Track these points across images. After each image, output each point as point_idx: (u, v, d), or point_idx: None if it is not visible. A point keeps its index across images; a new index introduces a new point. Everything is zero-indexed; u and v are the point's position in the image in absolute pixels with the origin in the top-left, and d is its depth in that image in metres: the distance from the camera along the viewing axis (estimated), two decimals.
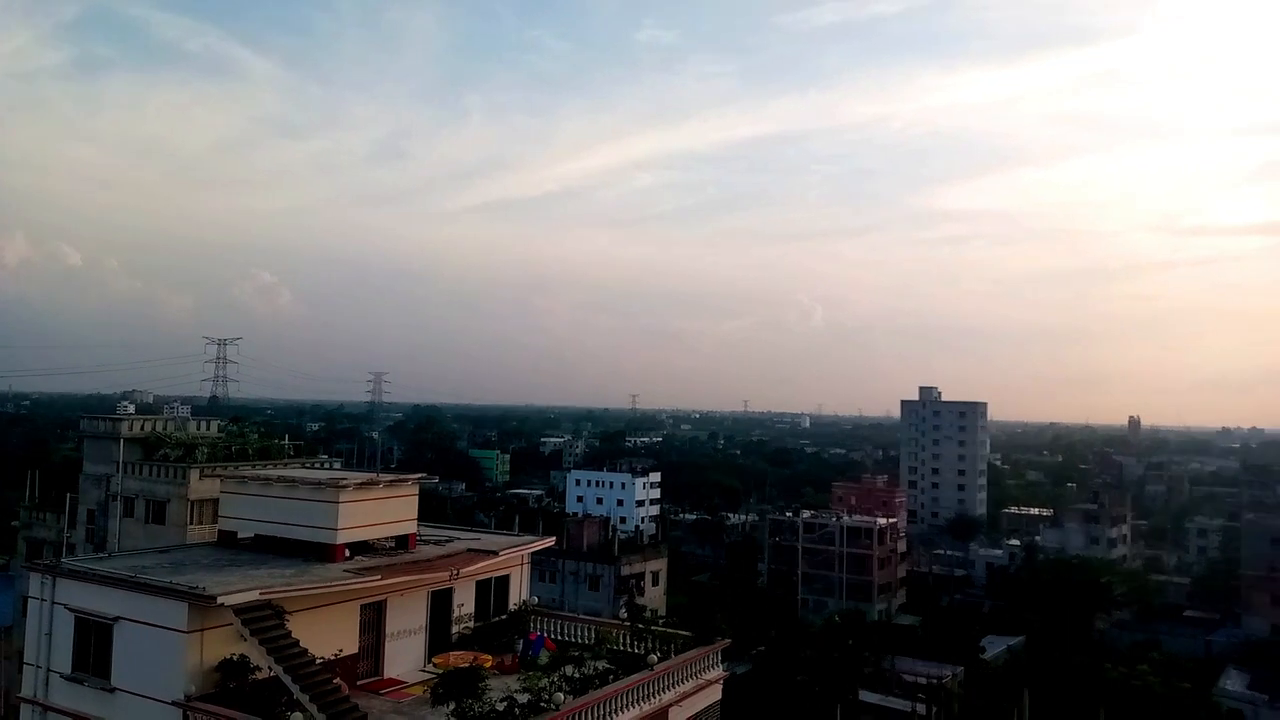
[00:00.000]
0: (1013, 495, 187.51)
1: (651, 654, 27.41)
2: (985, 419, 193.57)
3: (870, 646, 69.98)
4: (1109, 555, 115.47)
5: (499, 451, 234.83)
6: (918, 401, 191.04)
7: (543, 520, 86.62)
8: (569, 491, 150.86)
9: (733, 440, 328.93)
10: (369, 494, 28.32)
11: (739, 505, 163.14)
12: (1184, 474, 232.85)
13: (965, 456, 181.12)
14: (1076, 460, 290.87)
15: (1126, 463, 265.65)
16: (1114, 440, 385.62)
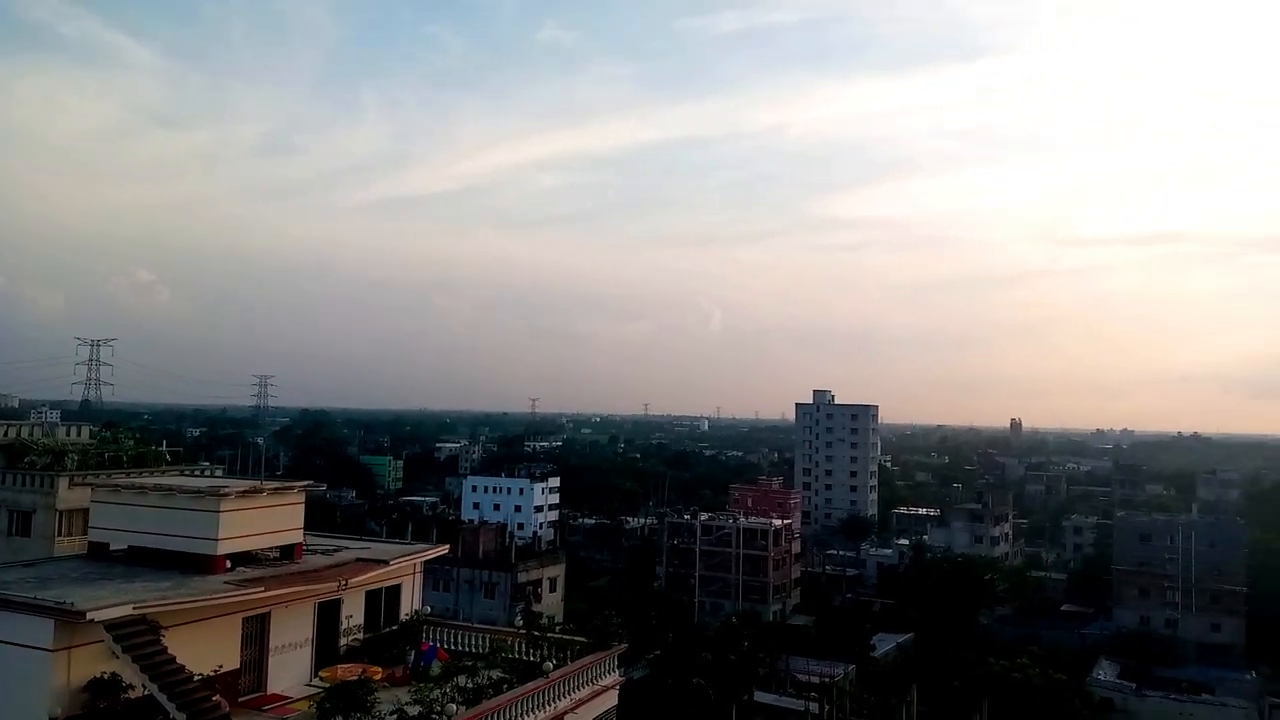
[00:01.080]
0: (902, 496, 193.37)
1: (547, 661, 27.12)
2: (876, 421, 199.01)
3: (765, 647, 71.04)
4: (992, 553, 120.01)
5: (391, 457, 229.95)
6: (812, 405, 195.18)
7: (437, 528, 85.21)
8: (465, 498, 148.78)
9: (633, 444, 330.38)
10: (252, 502, 27.21)
11: (638, 509, 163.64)
12: (1061, 474, 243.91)
13: (857, 458, 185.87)
14: (962, 461, 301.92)
15: (1008, 463, 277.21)
16: (997, 442, 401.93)
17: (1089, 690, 68.83)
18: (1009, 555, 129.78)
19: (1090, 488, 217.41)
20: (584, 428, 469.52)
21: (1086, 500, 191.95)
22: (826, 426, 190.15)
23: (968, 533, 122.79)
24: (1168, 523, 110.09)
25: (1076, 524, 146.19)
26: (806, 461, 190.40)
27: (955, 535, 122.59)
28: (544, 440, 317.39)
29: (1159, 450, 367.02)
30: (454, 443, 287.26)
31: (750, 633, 73.85)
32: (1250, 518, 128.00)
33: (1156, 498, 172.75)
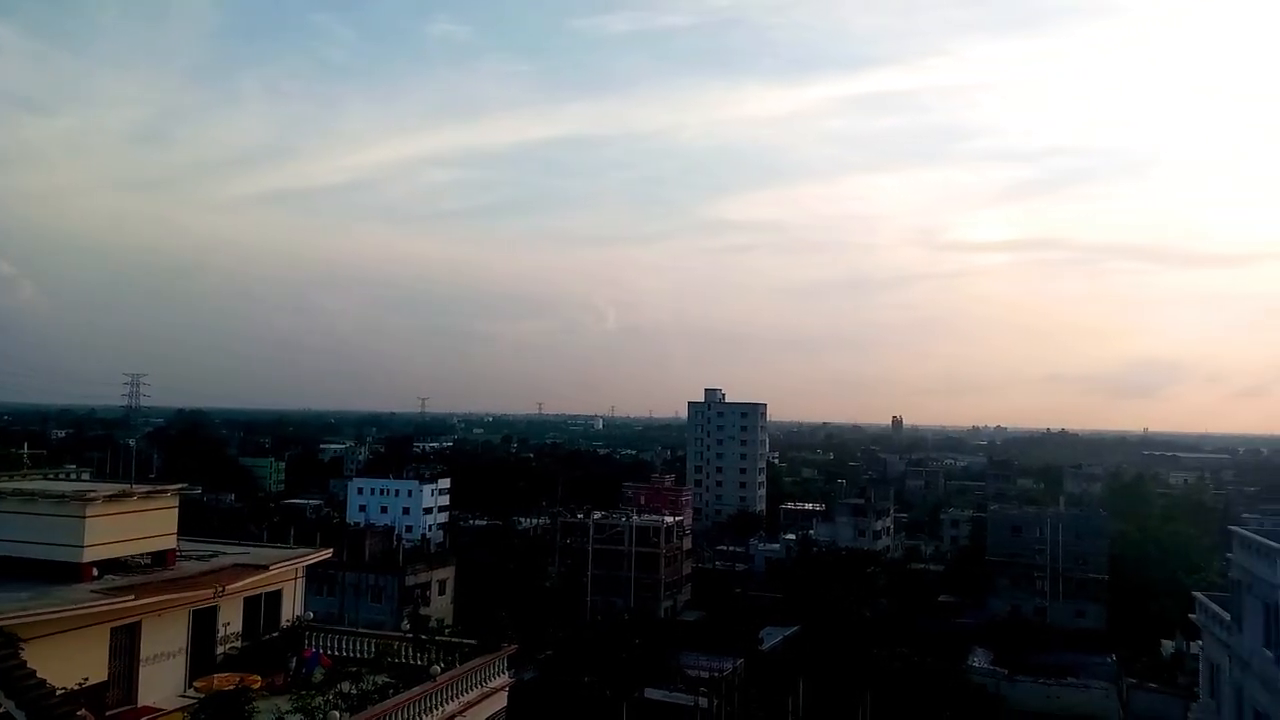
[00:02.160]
0: (790, 492, 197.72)
1: (435, 665, 26.74)
2: (765, 419, 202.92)
3: (657, 644, 71.65)
4: (875, 546, 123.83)
5: (274, 459, 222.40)
6: (703, 403, 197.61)
7: (321, 531, 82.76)
8: (350, 500, 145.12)
9: (527, 443, 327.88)
10: (122, 507, 25.98)
11: (531, 509, 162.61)
12: (940, 470, 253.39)
13: (747, 455, 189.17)
14: (846, 458, 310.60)
15: (890, 460, 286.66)
16: (879, 439, 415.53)
17: (965, 677, 71.79)
18: (891, 548, 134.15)
19: (966, 482, 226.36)
20: (476, 428, 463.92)
21: (963, 494, 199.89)
22: (718, 425, 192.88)
23: (851, 527, 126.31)
24: (1037, 515, 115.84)
25: (953, 517, 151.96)
26: (698, 459, 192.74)
27: (840, 530, 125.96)
28: (434, 441, 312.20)
29: (1029, 446, 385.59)
30: (339, 444, 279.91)
31: (642, 630, 74.39)
32: (1111, 510, 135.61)
33: (1027, 491, 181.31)
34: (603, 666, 62.35)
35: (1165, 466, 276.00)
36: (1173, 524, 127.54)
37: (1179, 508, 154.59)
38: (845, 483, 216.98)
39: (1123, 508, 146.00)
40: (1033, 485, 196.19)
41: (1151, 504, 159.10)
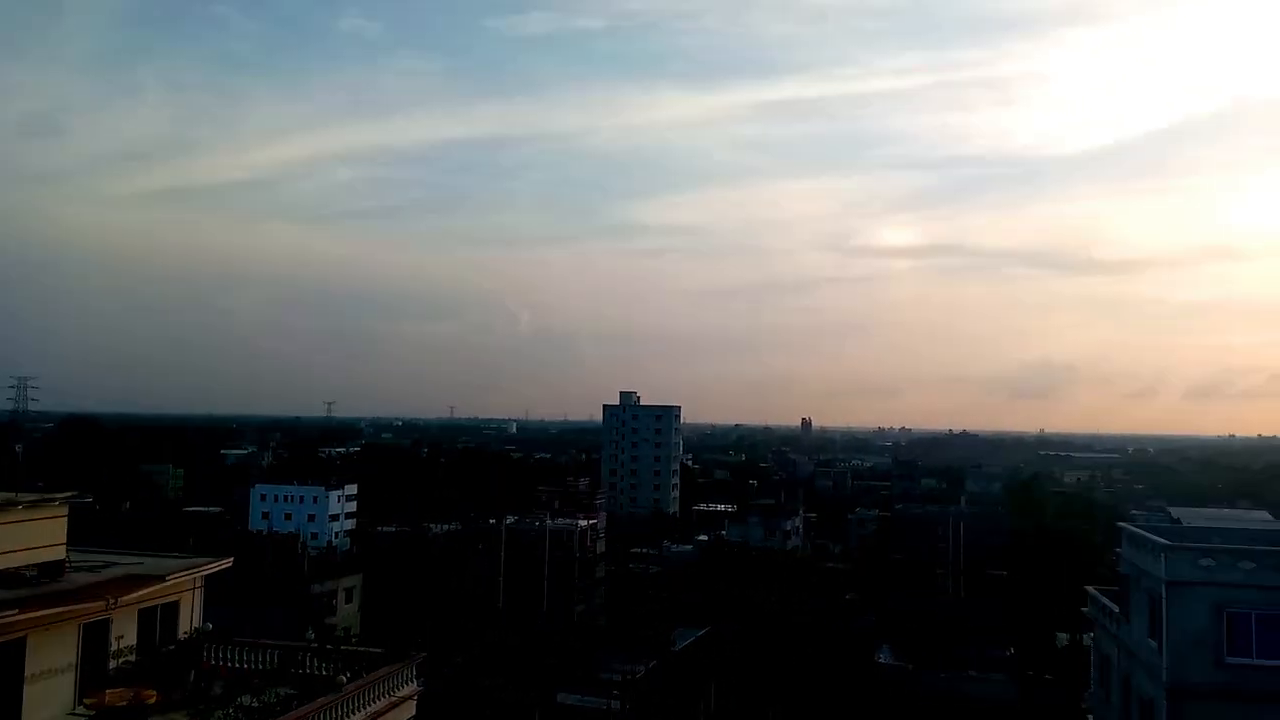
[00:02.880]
0: (704, 493, 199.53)
1: (340, 675, 26.12)
2: (679, 422, 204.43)
3: (570, 647, 71.39)
4: (785, 546, 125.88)
5: (172, 465, 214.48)
6: (618, 406, 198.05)
7: (222, 539, 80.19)
8: (253, 508, 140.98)
9: (438, 448, 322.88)
10: (6, 517, 24.72)
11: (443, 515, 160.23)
12: (847, 470, 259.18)
13: (661, 458, 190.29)
14: (758, 459, 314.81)
15: (800, 460, 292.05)
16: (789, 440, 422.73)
17: (872, 672, 73.49)
18: (800, 548, 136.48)
19: (873, 482, 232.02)
20: (385, 432, 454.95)
21: (869, 494, 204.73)
22: (632, 427, 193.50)
23: (762, 527, 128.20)
24: (940, 514, 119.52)
25: (860, 517, 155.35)
26: (613, 462, 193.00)
27: (751, 530, 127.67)
28: (341, 446, 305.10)
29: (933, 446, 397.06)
30: (241, 449, 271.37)
31: (555, 634, 74.03)
32: (1010, 508, 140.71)
33: (930, 491, 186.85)
34: (516, 672, 61.85)
35: (1060, 466, 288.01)
36: (1067, 520, 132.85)
37: (1072, 505, 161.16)
38: (757, 484, 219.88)
39: (1020, 506, 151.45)
40: (936, 485, 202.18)
41: (1047, 502, 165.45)
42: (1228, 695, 29.92)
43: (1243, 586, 30.49)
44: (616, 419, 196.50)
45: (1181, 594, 30.85)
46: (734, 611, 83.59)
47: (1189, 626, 30.63)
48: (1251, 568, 30.72)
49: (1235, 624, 30.36)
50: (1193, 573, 30.99)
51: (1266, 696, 29.66)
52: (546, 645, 69.45)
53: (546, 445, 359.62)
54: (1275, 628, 30.06)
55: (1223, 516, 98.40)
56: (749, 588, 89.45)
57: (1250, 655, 30.17)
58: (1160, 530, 38.21)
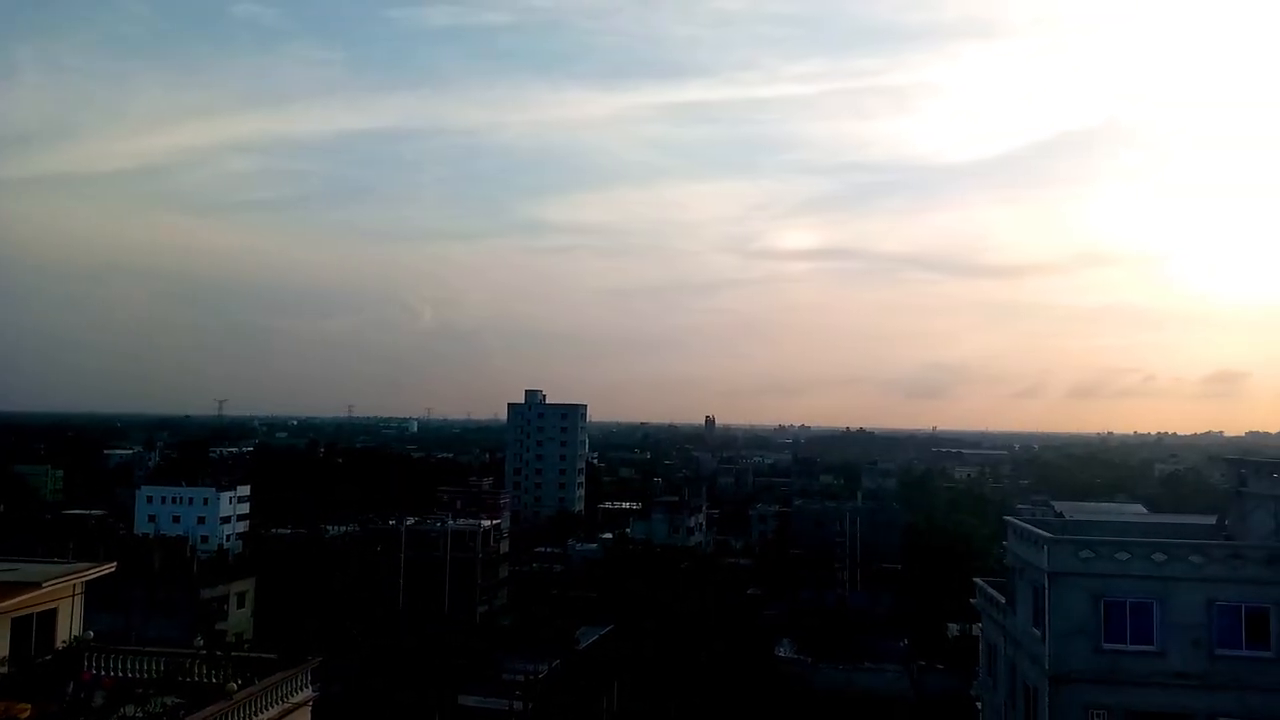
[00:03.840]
0: (609, 491, 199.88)
1: (231, 682, 25.24)
2: (585, 420, 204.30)
3: (473, 649, 70.65)
4: (688, 542, 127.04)
5: (50, 466, 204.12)
6: (524, 404, 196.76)
7: (105, 544, 76.63)
8: (139, 510, 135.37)
9: (335, 447, 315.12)
10: None
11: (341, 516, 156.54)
12: (749, 467, 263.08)
13: (567, 456, 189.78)
14: (663, 457, 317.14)
15: (703, 458, 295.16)
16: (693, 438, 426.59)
17: (772, 666, 74.84)
18: (704, 544, 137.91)
19: (774, 479, 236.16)
20: (280, 431, 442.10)
21: (770, 490, 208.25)
22: (538, 426, 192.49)
23: (666, 524, 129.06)
24: (837, 509, 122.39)
25: (761, 513, 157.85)
26: (518, 461, 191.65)
27: (655, 527, 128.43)
28: (233, 445, 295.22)
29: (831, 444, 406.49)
30: (126, 449, 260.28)
31: (457, 635, 73.12)
32: (904, 503, 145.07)
33: (828, 487, 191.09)
34: (417, 674, 60.87)
35: (951, 462, 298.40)
36: (957, 515, 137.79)
37: (963, 500, 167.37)
38: (661, 481, 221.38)
39: (914, 501, 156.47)
40: (834, 481, 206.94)
41: (939, 497, 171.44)
42: (1104, 680, 31.44)
43: (1118, 576, 32.09)
44: (521, 418, 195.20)
45: (1062, 584, 32.27)
46: (638, 609, 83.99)
47: (1069, 615, 32.07)
48: (1126, 558, 32.35)
49: (1111, 612, 31.92)
50: (1073, 564, 32.46)
51: (1138, 680, 31.28)
52: (447, 647, 68.53)
53: (449, 445, 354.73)
54: (1147, 615, 31.73)
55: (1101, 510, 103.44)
56: (653, 585, 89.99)
57: (1124, 641, 31.77)
58: (1044, 524, 39.91)
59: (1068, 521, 48.91)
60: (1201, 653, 31.18)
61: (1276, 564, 31.46)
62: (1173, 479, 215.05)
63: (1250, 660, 30.99)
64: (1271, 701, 30.66)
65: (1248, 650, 31.10)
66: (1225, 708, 30.88)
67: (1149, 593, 31.76)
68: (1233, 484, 37.42)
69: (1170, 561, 31.94)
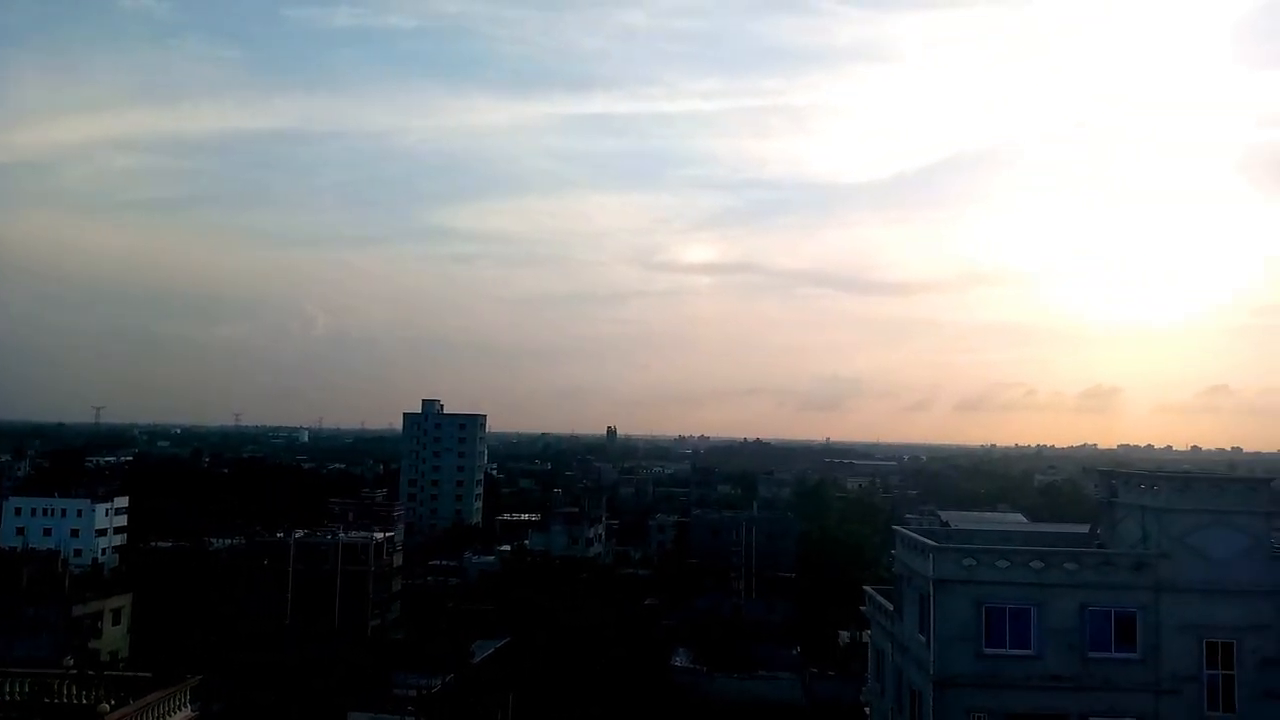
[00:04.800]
0: (508, 503, 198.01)
1: (103, 703, 24.03)
2: (484, 430, 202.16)
3: (363, 664, 68.92)
4: (587, 553, 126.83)
5: None
6: (420, 414, 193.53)
7: None
8: (6, 522, 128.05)
9: (221, 457, 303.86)
10: None
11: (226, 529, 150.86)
12: (649, 477, 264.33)
13: (464, 467, 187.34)
14: (564, 468, 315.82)
15: (604, 468, 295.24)
16: (595, 448, 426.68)
17: (667, 676, 75.18)
18: (603, 555, 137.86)
19: (673, 489, 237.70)
20: (161, 440, 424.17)
21: (670, 500, 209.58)
22: (435, 436, 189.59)
23: (565, 535, 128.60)
24: (734, 518, 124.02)
25: (660, 522, 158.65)
26: (413, 472, 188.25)
27: (554, 538, 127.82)
28: (110, 454, 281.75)
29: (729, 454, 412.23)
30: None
31: (348, 651, 71.23)
32: (798, 512, 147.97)
33: (726, 497, 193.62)
34: (303, 692, 59.01)
35: (843, 473, 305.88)
36: (849, 524, 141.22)
37: (854, 510, 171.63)
38: (561, 492, 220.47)
39: (808, 510, 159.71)
40: (731, 491, 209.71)
41: (832, 506, 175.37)
42: (985, 683, 32.62)
43: (999, 584, 33.34)
44: (418, 428, 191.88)
45: (947, 591, 33.37)
46: (535, 621, 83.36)
47: (953, 621, 33.17)
48: (1006, 566, 33.68)
49: (992, 617, 33.15)
50: (957, 572, 33.61)
51: (1017, 683, 32.57)
52: (337, 663, 66.66)
53: (342, 455, 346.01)
54: (1025, 620, 33.06)
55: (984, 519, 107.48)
56: (550, 597, 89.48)
57: (1004, 646, 33.03)
58: (930, 533, 41.26)
59: (952, 530, 50.72)
60: (1075, 656, 32.64)
61: (1143, 570, 33.22)
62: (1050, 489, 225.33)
63: (1119, 662, 32.61)
64: (1138, 701, 32.31)
65: (1117, 652, 32.71)
66: (1096, 707, 32.40)
67: (1027, 599, 33.08)
68: (1104, 494, 39.34)
69: (1047, 569, 33.37)
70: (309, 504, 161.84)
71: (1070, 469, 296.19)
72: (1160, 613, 32.63)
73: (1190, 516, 33.51)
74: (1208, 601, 32.58)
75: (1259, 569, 32.93)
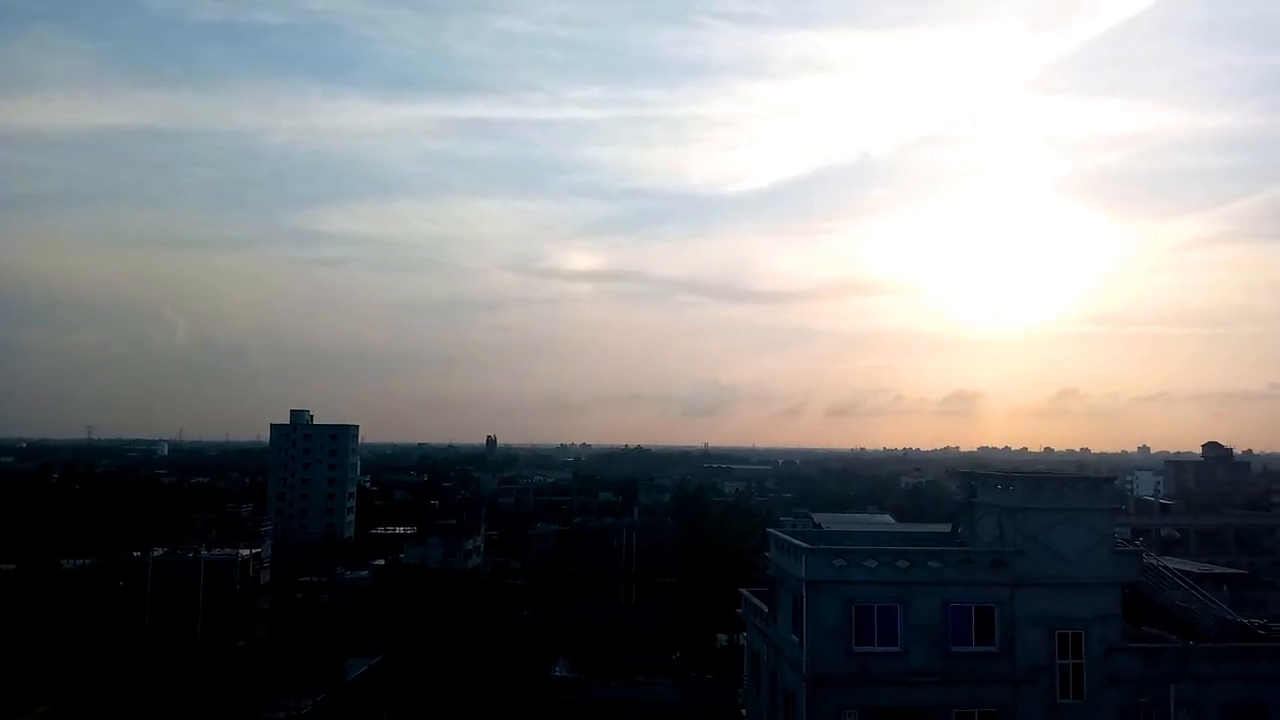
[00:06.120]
0: (382, 516, 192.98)
1: None
2: (357, 442, 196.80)
3: (228, 686, 65.92)
4: (466, 565, 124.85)
5: None
6: (289, 425, 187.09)
7: None
8: None
9: (73, 472, 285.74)
10: None
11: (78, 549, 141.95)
12: (530, 486, 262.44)
13: (336, 480, 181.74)
14: (441, 479, 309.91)
15: (483, 479, 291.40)
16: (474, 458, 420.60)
17: (547, 686, 74.67)
18: (482, 566, 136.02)
19: (554, 498, 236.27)
20: (5, 455, 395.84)
21: (550, 509, 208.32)
22: (304, 448, 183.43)
23: (443, 548, 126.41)
24: (615, 525, 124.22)
25: (540, 532, 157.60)
26: (282, 486, 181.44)
27: (431, 551, 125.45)
28: None
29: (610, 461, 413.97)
30: None
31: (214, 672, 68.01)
32: (678, 518, 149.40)
33: (607, 503, 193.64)
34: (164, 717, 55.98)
35: (721, 478, 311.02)
36: (727, 529, 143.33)
37: (732, 514, 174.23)
38: (439, 503, 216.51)
39: (687, 516, 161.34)
40: (612, 498, 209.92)
41: (710, 511, 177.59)
42: (855, 681, 33.58)
43: (867, 583, 34.40)
44: (286, 439, 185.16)
45: (819, 592, 34.21)
46: (411, 636, 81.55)
47: (825, 621, 34.02)
48: (874, 565, 34.79)
49: (861, 616, 34.16)
50: (828, 572, 34.50)
51: (884, 679, 33.64)
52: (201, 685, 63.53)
53: (205, 469, 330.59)
54: (892, 618, 34.20)
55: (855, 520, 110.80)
56: (427, 610, 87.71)
57: (873, 644, 34.07)
58: (803, 535, 42.28)
59: (824, 532, 52.14)
60: (938, 651, 33.95)
61: (1000, 567, 34.86)
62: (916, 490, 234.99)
63: (979, 655, 34.09)
64: (998, 693, 33.83)
65: (977, 646, 34.17)
66: (958, 700, 33.76)
67: (894, 597, 34.22)
68: (965, 495, 41.15)
69: (912, 567, 34.64)
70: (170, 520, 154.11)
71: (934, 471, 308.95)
72: (1016, 607, 34.30)
73: (1042, 514, 35.36)
74: (1058, 595, 34.45)
75: (1103, 563, 35.05)
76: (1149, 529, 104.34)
